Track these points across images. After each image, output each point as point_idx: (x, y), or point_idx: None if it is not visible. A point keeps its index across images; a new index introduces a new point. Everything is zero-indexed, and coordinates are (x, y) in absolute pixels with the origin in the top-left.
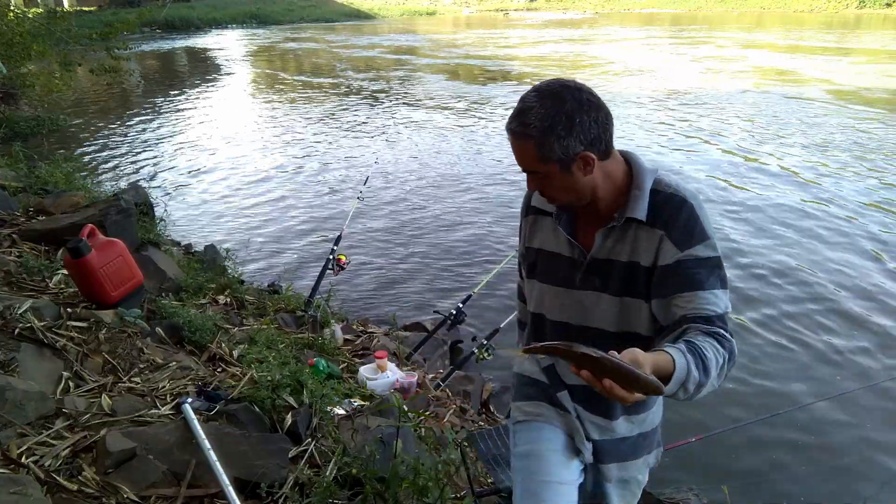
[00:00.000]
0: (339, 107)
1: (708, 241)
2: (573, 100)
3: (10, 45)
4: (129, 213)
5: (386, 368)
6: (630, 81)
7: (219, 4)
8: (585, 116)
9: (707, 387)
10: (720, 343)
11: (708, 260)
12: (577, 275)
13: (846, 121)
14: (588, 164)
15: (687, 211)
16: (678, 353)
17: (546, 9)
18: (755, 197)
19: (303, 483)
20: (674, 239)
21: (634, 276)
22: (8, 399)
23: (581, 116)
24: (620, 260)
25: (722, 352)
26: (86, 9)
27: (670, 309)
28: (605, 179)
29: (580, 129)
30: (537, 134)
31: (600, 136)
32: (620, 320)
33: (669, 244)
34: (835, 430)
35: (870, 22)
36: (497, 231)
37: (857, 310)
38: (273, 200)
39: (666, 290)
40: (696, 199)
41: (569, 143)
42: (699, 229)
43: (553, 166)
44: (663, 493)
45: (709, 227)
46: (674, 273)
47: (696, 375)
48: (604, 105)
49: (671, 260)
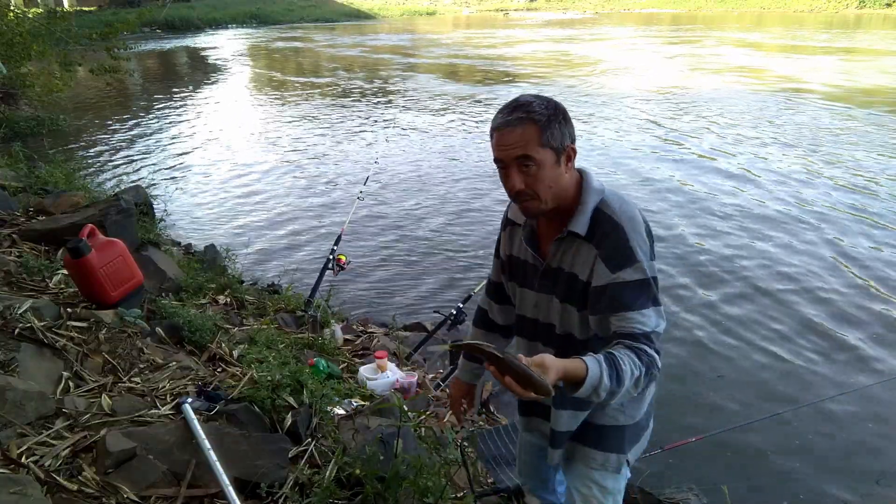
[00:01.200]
0: (339, 106)
1: (637, 265)
2: (560, 104)
3: (10, 45)
4: (129, 213)
5: (386, 368)
6: (613, 80)
7: (219, 4)
8: (569, 119)
9: (621, 394)
10: (639, 357)
11: (637, 282)
12: (536, 280)
13: (825, 118)
14: (570, 159)
15: (619, 234)
16: (594, 363)
17: (546, 9)
18: (748, 200)
19: (303, 483)
20: (605, 260)
21: (573, 286)
22: (8, 399)
23: (568, 117)
24: (565, 269)
25: (639, 364)
26: (86, 9)
27: (604, 325)
28: (568, 185)
29: (570, 126)
30: (542, 119)
31: (574, 140)
32: (563, 322)
33: (602, 265)
34: (835, 429)
35: (870, 22)
36: (497, 231)
37: (857, 309)
38: (273, 200)
39: (599, 309)
40: (632, 222)
41: (564, 133)
42: (629, 253)
43: (549, 153)
44: (663, 493)
45: (639, 251)
46: (605, 294)
47: (608, 383)
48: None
49: (603, 282)
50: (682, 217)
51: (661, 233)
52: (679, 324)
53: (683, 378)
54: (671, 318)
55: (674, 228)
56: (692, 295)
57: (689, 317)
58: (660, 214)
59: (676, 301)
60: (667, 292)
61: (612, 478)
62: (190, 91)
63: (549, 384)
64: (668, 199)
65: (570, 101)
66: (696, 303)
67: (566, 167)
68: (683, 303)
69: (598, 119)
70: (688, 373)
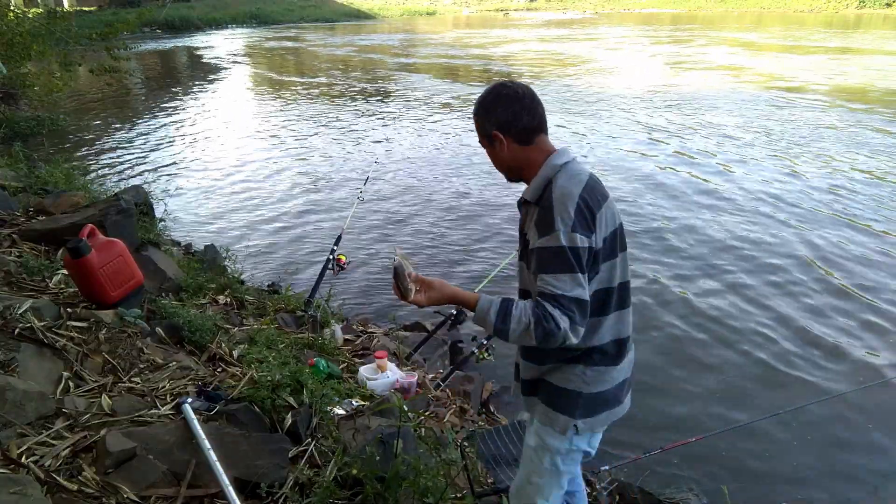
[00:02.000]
0: (339, 107)
1: (554, 234)
2: (494, 93)
3: (10, 45)
4: (129, 213)
5: (386, 368)
6: (600, 78)
7: (219, 4)
8: (500, 107)
9: (511, 333)
10: (534, 309)
11: (553, 249)
12: (519, 246)
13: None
14: (500, 142)
15: (549, 205)
16: (486, 300)
17: (546, 9)
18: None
19: (303, 483)
20: (536, 226)
21: (526, 247)
22: (8, 399)
23: (496, 106)
24: (524, 232)
25: (529, 315)
26: (86, 9)
27: (534, 284)
28: (527, 163)
29: (494, 115)
30: (474, 114)
31: (510, 122)
32: (522, 281)
33: (534, 230)
34: (835, 429)
35: (870, 22)
36: (497, 230)
37: (856, 309)
38: (274, 200)
39: (531, 269)
40: (563, 196)
41: (486, 124)
42: (550, 222)
43: (484, 140)
44: (663, 493)
45: (559, 222)
46: (533, 257)
47: (492, 319)
48: (524, 101)
49: (532, 245)
50: (703, 209)
51: (669, 226)
52: (679, 323)
53: (684, 378)
54: (673, 316)
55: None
56: (692, 294)
57: (690, 316)
58: (651, 206)
59: (677, 300)
60: (668, 293)
61: (556, 437)
62: (190, 91)
63: (411, 296)
64: (651, 192)
65: (555, 96)
66: (696, 302)
67: (500, 148)
68: (682, 302)
69: (583, 116)
70: (688, 372)
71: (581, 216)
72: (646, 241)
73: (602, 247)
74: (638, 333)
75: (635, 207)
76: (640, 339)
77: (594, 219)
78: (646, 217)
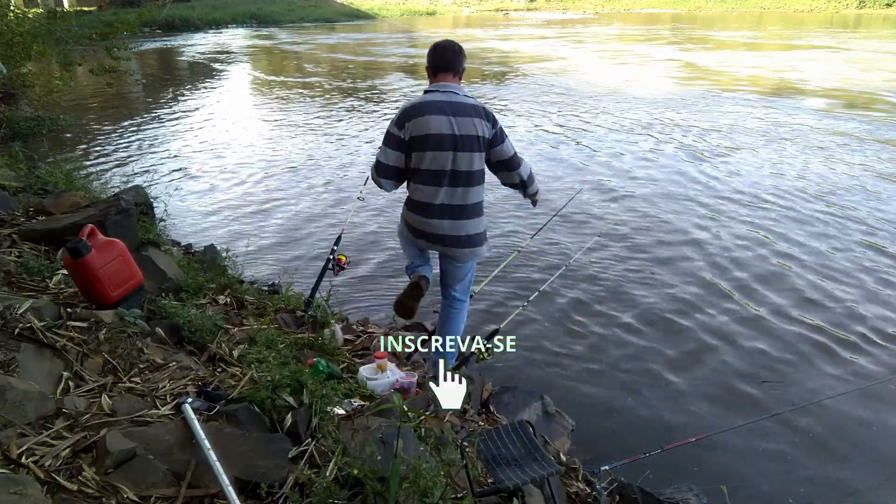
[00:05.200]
0: (339, 106)
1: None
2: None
3: (10, 45)
4: (129, 213)
5: (386, 368)
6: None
7: (219, 4)
8: (428, 52)
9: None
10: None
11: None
12: None
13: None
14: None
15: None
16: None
17: (546, 9)
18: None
19: (303, 483)
20: None
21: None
22: (8, 399)
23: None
24: None
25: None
26: (86, 9)
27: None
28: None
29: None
30: None
31: (429, 63)
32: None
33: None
34: (835, 429)
35: (870, 22)
36: (497, 230)
37: (856, 309)
38: (273, 200)
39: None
40: (406, 106)
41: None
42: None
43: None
44: (663, 493)
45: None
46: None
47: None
48: (438, 50)
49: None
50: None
51: (665, 227)
52: (679, 322)
53: (684, 378)
54: (673, 316)
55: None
56: (692, 294)
57: (690, 316)
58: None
59: (677, 300)
60: (668, 293)
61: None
62: (190, 91)
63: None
64: (656, 195)
65: (555, 97)
66: (696, 303)
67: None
68: (682, 302)
69: (590, 114)
70: (688, 373)
71: (400, 118)
72: (646, 239)
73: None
74: (638, 333)
75: (642, 206)
76: (640, 338)
77: (406, 120)
78: (647, 215)
